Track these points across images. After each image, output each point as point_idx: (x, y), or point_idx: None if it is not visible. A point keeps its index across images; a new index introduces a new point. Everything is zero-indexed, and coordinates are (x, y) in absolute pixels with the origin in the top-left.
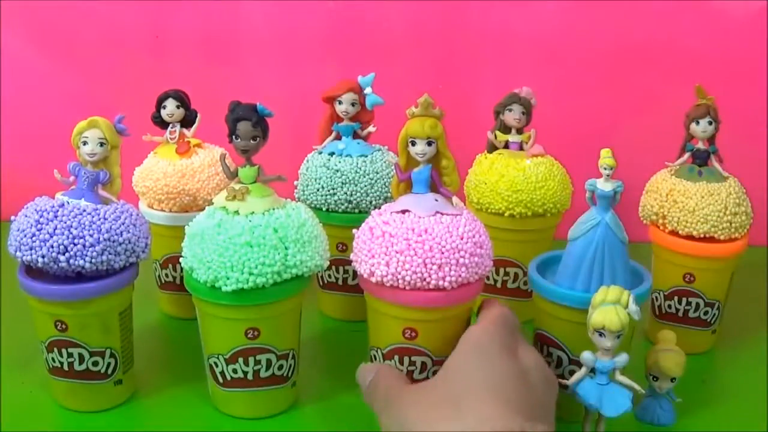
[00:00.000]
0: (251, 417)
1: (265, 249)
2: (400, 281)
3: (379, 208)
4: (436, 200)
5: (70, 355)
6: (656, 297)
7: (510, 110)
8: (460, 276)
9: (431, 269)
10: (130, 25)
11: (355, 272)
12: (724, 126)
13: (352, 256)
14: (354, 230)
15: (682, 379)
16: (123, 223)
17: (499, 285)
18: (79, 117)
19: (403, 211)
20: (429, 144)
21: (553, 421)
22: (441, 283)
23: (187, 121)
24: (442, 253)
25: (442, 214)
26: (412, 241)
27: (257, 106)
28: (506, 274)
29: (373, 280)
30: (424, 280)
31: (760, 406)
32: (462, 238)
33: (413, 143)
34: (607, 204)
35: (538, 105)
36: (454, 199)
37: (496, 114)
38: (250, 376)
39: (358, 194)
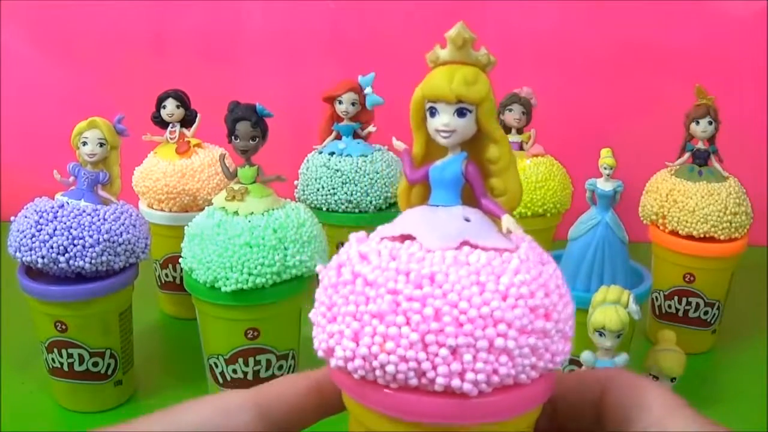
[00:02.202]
0: None
1: (264, 249)
2: (378, 372)
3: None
4: (468, 220)
5: (70, 355)
6: (656, 297)
7: (510, 110)
8: (496, 371)
9: (437, 355)
10: (130, 25)
11: None
12: (724, 126)
13: (311, 315)
14: (319, 266)
15: (682, 379)
16: (123, 224)
17: None
18: (79, 117)
19: (404, 238)
20: (461, 114)
21: None
22: (457, 383)
23: (187, 121)
24: (460, 324)
25: (472, 246)
26: (404, 298)
27: (256, 107)
28: None
29: (333, 363)
30: (424, 374)
31: (760, 406)
32: (505, 298)
33: (432, 112)
34: (607, 204)
35: (538, 105)
36: (507, 220)
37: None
38: (249, 377)
39: (358, 194)
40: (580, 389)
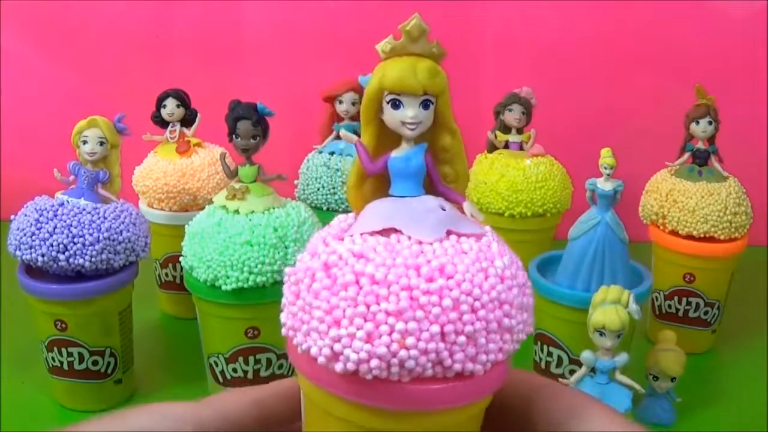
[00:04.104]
0: None
1: (265, 248)
2: (394, 368)
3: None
4: (443, 209)
5: (69, 354)
6: (656, 297)
7: (510, 110)
8: (501, 349)
9: (455, 343)
10: (131, 25)
11: None
12: (724, 126)
13: (283, 318)
14: (286, 270)
15: (682, 379)
16: (123, 222)
17: None
18: (79, 117)
19: (388, 232)
20: (426, 106)
21: None
22: (470, 366)
23: (187, 121)
24: (475, 311)
25: (457, 235)
26: (420, 292)
27: (257, 105)
28: None
29: (338, 367)
30: (441, 363)
31: (760, 406)
32: (503, 280)
33: (396, 104)
34: (607, 203)
35: (538, 105)
36: (469, 206)
37: (496, 114)
38: (249, 376)
39: None
40: (512, 383)
